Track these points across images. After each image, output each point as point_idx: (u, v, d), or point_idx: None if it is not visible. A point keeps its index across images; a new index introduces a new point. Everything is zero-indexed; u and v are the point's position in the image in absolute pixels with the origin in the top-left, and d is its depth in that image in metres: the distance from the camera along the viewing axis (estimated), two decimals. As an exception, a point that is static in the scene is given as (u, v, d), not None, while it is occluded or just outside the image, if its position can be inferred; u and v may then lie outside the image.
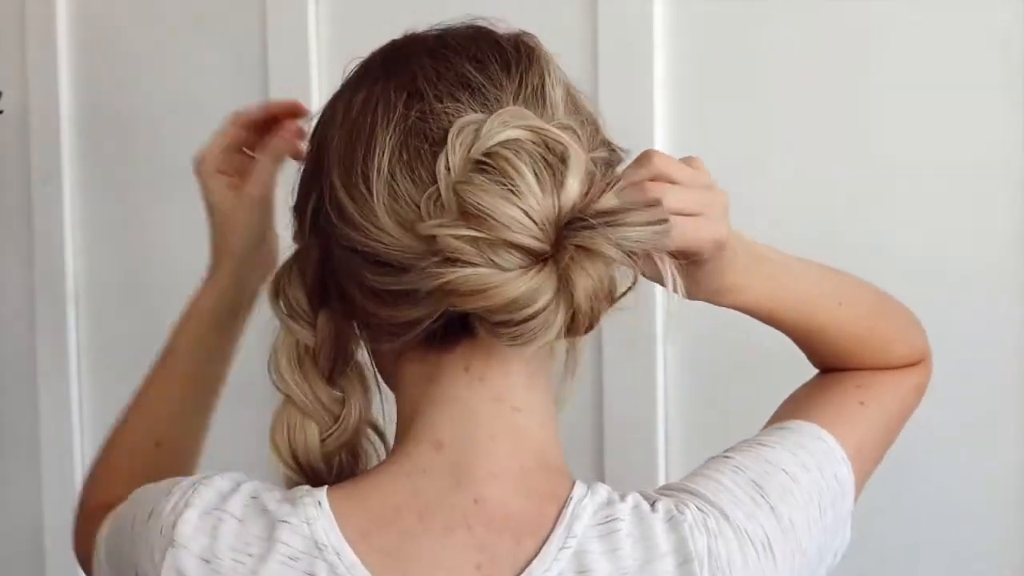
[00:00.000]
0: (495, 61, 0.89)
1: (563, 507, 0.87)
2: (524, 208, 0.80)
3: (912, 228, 1.39)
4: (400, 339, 0.87)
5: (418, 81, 0.87)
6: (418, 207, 0.83)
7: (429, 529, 0.86)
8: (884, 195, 1.41)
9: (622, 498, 0.88)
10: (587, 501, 0.87)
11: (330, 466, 0.93)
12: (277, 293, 0.92)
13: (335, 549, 0.85)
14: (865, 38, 1.41)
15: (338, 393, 0.93)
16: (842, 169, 1.42)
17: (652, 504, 0.88)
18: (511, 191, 0.80)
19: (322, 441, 0.92)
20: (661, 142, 1.48)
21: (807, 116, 1.43)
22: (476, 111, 0.85)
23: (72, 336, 1.85)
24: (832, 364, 1.07)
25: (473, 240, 0.80)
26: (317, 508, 0.86)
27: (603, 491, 0.89)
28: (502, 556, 0.86)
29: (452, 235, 0.80)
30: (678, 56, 1.47)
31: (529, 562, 0.85)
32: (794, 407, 1.04)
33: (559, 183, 0.81)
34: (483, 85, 0.87)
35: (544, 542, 0.86)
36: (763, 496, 0.90)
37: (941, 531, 1.40)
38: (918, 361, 1.10)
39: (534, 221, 0.80)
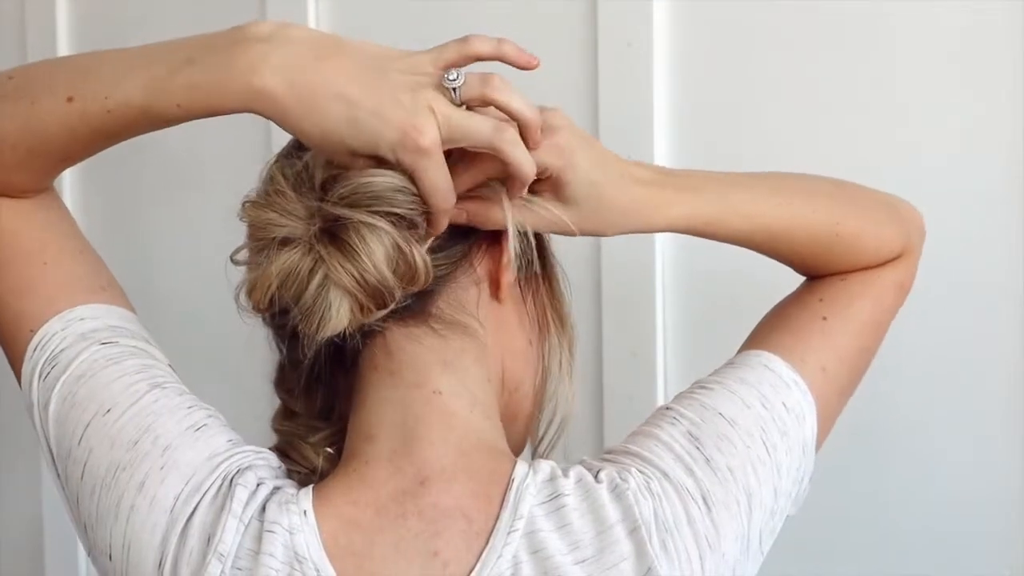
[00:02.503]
0: None
1: (507, 488, 0.88)
2: (278, 207, 0.86)
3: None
4: (315, 369, 0.94)
5: (276, 159, 0.95)
6: None
7: (385, 522, 0.88)
8: (884, 195, 1.41)
9: (565, 473, 0.90)
10: (529, 480, 0.88)
11: (324, 457, 0.96)
12: (276, 384, 1.00)
13: (315, 564, 0.86)
14: (865, 38, 1.41)
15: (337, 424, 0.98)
16: (842, 168, 1.42)
17: (596, 475, 0.89)
18: (263, 196, 0.88)
19: (313, 445, 0.97)
20: (661, 142, 1.48)
21: (807, 116, 1.43)
22: None
23: (72, 336, 1.85)
24: (805, 271, 1.06)
25: (249, 250, 0.88)
26: (302, 518, 0.87)
27: (546, 467, 0.90)
28: (458, 540, 0.87)
29: (237, 250, 0.89)
30: (678, 56, 1.48)
31: (483, 549, 0.87)
32: (758, 332, 1.03)
33: (309, 177, 0.88)
34: None
35: (493, 527, 0.87)
36: (698, 448, 0.91)
37: (941, 529, 1.40)
38: (897, 256, 1.06)
39: (286, 212, 0.86)
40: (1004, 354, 1.37)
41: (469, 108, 0.87)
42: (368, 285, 0.85)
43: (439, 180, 0.86)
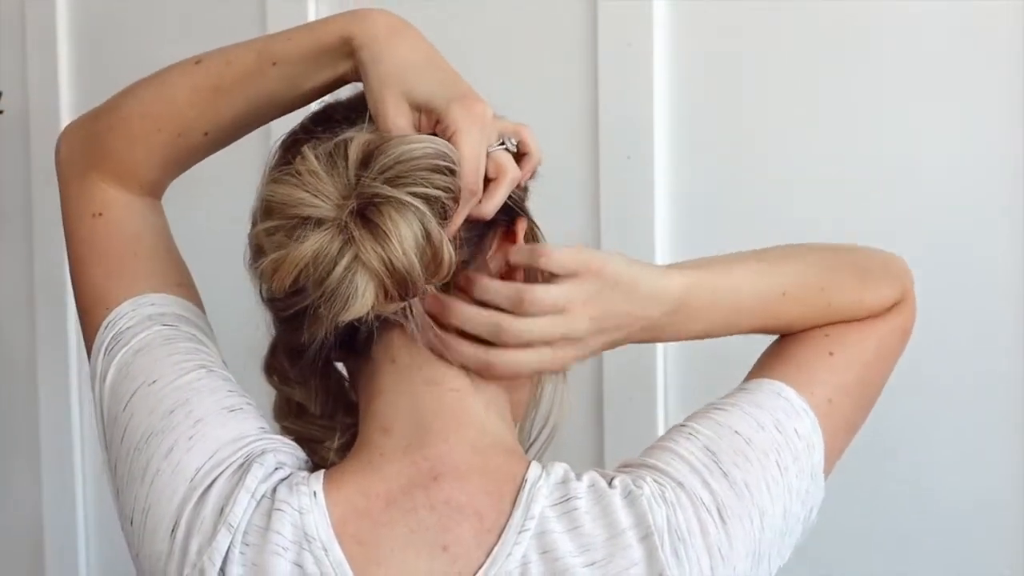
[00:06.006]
0: (362, 102, 0.96)
1: (520, 488, 0.89)
2: (310, 186, 0.86)
3: (912, 228, 1.39)
4: (322, 352, 0.93)
5: (295, 132, 0.99)
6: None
7: (395, 514, 0.89)
8: (884, 195, 1.41)
9: (578, 476, 0.90)
10: (542, 482, 0.89)
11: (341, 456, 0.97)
12: (268, 369, 1.01)
13: (323, 544, 0.87)
14: (865, 38, 1.41)
15: (349, 419, 0.99)
16: (842, 169, 1.42)
17: (609, 481, 0.90)
18: (294, 175, 0.87)
19: (334, 451, 0.98)
20: (661, 142, 1.48)
21: (807, 116, 1.43)
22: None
23: (72, 336, 1.85)
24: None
25: (273, 228, 0.87)
26: (312, 499, 0.88)
27: (559, 469, 0.91)
28: (468, 536, 0.88)
29: (258, 231, 0.88)
30: (678, 56, 1.48)
31: (493, 547, 0.87)
32: (764, 362, 1.04)
33: (344, 158, 0.88)
34: (346, 119, 0.94)
35: (504, 525, 0.88)
36: (716, 462, 0.91)
37: (941, 530, 1.40)
38: (894, 304, 1.07)
39: (319, 193, 0.86)
40: (1004, 354, 1.37)
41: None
42: (396, 271, 0.85)
43: (477, 152, 0.89)
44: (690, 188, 1.48)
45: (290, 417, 1.00)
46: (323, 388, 0.99)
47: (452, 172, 0.87)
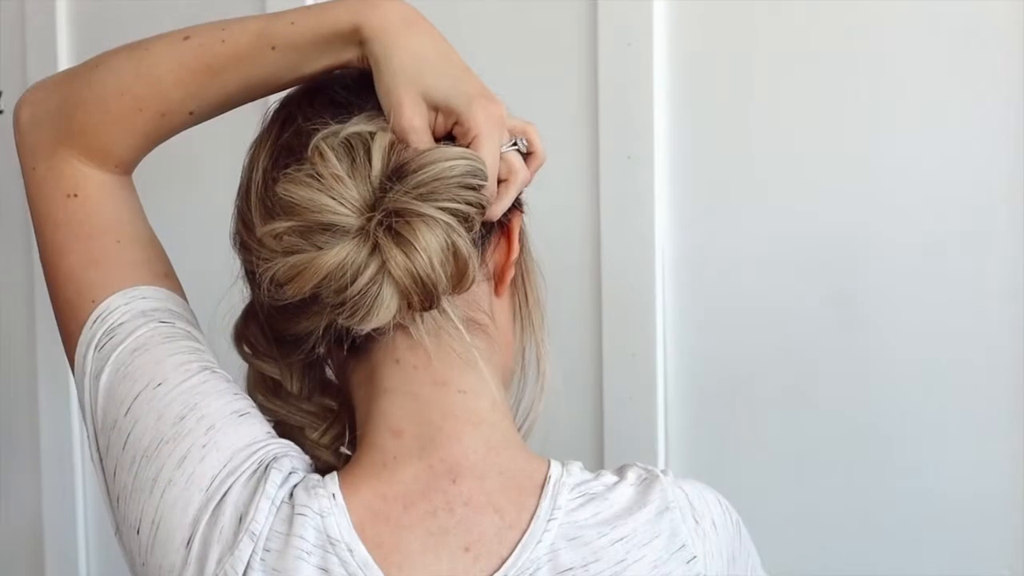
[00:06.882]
0: (361, 82, 0.93)
1: (544, 483, 0.90)
2: (332, 192, 0.84)
3: (911, 228, 1.39)
4: (319, 345, 0.92)
5: (291, 108, 0.96)
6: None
7: (414, 517, 0.89)
8: (884, 195, 1.41)
9: (595, 475, 0.92)
10: (565, 477, 0.91)
11: (337, 456, 0.97)
12: (239, 338, 0.98)
13: (348, 545, 0.87)
14: (865, 38, 1.41)
15: (328, 401, 0.98)
16: (842, 169, 1.42)
17: (623, 475, 0.92)
18: (315, 177, 0.85)
19: (317, 440, 0.97)
20: (661, 142, 1.48)
21: (807, 116, 1.43)
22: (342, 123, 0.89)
23: (72, 336, 1.85)
24: None
25: (288, 230, 0.84)
26: (331, 501, 0.88)
27: (577, 467, 0.92)
28: (490, 534, 0.88)
29: (266, 230, 0.85)
30: (678, 56, 1.48)
31: (519, 539, 0.88)
32: None
33: (366, 161, 0.86)
34: (349, 102, 0.92)
35: (532, 517, 0.89)
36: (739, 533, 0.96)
37: (941, 529, 1.40)
38: None
39: (344, 200, 0.84)
40: (1004, 354, 1.37)
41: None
42: (424, 284, 0.85)
43: (496, 158, 0.89)
44: (690, 188, 1.48)
45: (267, 394, 0.97)
46: (301, 369, 0.97)
47: (482, 187, 0.87)
